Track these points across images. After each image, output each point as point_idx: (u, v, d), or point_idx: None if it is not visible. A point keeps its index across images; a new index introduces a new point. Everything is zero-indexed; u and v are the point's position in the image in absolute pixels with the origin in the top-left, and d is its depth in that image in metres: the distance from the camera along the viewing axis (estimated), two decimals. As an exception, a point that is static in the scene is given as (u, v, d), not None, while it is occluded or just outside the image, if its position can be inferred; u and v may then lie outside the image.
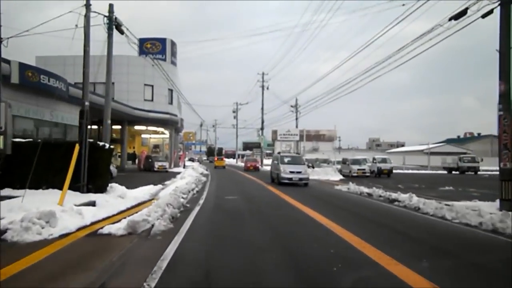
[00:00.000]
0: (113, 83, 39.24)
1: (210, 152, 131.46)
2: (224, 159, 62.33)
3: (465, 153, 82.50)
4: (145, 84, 39.17)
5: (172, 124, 42.33)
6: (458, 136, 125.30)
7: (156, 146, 53.85)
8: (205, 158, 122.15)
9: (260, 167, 45.81)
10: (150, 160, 36.74)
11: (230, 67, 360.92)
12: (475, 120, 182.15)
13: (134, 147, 50.84)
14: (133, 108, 36.19)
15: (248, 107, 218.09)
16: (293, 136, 52.91)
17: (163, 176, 27.59)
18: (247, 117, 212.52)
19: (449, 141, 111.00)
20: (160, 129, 43.79)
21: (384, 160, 33.17)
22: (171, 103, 41.97)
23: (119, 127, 38.63)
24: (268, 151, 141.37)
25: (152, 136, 50.92)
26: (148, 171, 35.92)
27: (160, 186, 19.42)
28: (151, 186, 18.74)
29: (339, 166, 34.90)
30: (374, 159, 33.59)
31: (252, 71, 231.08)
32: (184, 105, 54.15)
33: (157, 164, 35.69)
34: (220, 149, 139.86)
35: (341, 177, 29.40)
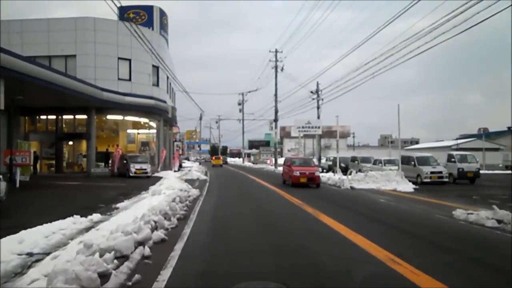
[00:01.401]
0: (74, 56, 29.09)
1: (213, 151, 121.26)
2: (221, 157, 68.72)
3: (498, 149, 72.45)
4: (119, 58, 28.72)
5: (158, 113, 31.90)
6: (483, 131, 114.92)
7: (145, 144, 43.26)
8: (210, 157, 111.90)
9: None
10: (125, 161, 26.31)
11: (234, 66, 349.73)
12: (483, 115, 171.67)
13: (117, 145, 40.46)
14: (100, 89, 25.79)
15: (255, 99, 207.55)
16: (314, 129, 42.22)
17: (133, 187, 17.26)
18: (255, 109, 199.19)
19: (478, 137, 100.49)
20: (143, 120, 33.33)
21: (465, 159, 22.44)
22: (156, 84, 31.52)
23: (84, 116, 28.24)
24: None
25: (141, 131, 40.28)
26: (123, 176, 25.66)
27: (93, 218, 9.14)
28: (71, 220, 8.48)
29: (393, 168, 24.34)
30: (451, 157, 22.84)
31: (256, 70, 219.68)
32: (180, 99, 43.89)
33: (133, 168, 25.27)
34: (225, 148, 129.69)
35: (412, 185, 18.82)
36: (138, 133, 39.04)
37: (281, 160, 50.53)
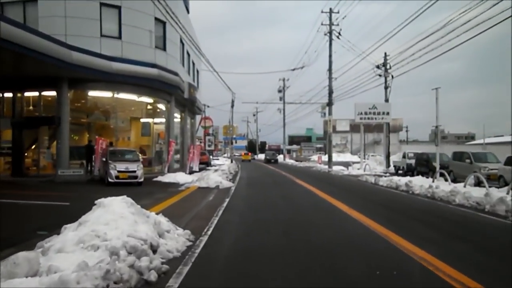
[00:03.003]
0: (35, 1, 19.65)
1: (251, 146, 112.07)
2: (249, 153, 71.52)
3: None
4: (103, 4, 19.23)
5: (167, 90, 22.30)
6: None
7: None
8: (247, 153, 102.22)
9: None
10: (104, 159, 16.87)
11: (272, 61, 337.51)
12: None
13: (128, 138, 31.47)
14: (67, 46, 16.50)
15: (298, 84, 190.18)
16: (381, 116, 31.52)
17: (65, 215, 7.71)
18: (297, 96, 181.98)
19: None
20: (145, 100, 23.91)
21: None
22: (162, 47, 21.89)
23: (52, 93, 19.09)
24: (318, 145, 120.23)
25: (157, 120, 30.75)
26: (103, 182, 16.36)
27: None
28: None
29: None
30: None
31: (294, 62, 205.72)
32: (211, 88, 34.40)
33: (114, 169, 15.75)
34: (263, 143, 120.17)
35: None
36: (155, 123, 29.44)
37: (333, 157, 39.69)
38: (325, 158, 46.62)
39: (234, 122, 76.40)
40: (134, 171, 16.06)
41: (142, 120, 29.65)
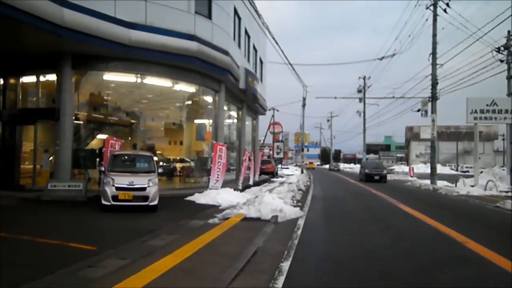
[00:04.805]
0: None
1: (324, 155, 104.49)
2: (313, 162, 74.69)
3: None
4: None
5: (207, 71, 16.24)
6: None
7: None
8: (318, 163, 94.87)
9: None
10: (102, 169, 11.07)
11: (347, 69, 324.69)
12: None
13: (181, 143, 26.28)
14: (59, 3, 11.05)
15: (380, 83, 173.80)
16: (503, 115, 23.17)
17: None
18: (385, 92, 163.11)
19: None
20: (184, 89, 17.98)
21: None
22: (207, 15, 15.89)
23: (52, 77, 13.88)
24: (399, 155, 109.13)
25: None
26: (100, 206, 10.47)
27: None
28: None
29: None
30: None
31: (370, 69, 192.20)
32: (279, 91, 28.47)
33: (111, 186, 9.86)
34: (337, 152, 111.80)
35: None
36: (210, 125, 23.62)
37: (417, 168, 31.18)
38: (417, 169, 38.48)
39: (306, 129, 69.34)
40: (143, 189, 10.03)
41: (197, 121, 24.10)
